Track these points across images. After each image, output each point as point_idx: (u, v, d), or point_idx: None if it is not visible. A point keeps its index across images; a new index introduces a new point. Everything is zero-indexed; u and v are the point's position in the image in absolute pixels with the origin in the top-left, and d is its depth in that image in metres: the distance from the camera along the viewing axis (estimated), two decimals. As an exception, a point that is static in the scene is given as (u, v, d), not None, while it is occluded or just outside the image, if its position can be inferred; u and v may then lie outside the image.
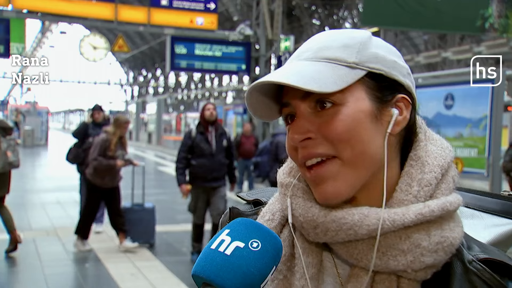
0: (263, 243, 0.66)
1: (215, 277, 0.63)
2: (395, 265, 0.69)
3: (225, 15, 31.76)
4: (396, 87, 0.75)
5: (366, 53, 0.73)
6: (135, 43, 47.43)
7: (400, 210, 0.70)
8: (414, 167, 0.74)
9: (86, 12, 13.95)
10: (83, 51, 15.71)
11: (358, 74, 0.72)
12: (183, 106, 57.40)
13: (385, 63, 0.74)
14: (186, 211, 6.55)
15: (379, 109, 0.73)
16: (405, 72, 0.76)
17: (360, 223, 0.70)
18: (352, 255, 0.71)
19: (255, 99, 0.75)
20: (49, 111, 35.86)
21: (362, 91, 0.72)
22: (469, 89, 8.36)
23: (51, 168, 17.98)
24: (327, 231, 0.72)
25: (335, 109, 0.71)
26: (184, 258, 6.45)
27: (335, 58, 0.72)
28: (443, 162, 0.75)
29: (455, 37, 24.17)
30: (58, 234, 7.49)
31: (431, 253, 0.69)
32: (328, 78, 0.69)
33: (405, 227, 0.70)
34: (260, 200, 0.88)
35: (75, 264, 6.27)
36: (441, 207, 0.70)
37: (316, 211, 0.73)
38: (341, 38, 0.75)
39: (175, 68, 14.84)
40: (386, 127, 0.73)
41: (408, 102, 0.75)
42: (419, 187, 0.72)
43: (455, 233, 0.71)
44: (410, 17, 11.80)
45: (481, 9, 12.00)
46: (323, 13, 31.78)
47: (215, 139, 6.07)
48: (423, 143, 0.76)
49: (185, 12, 14.26)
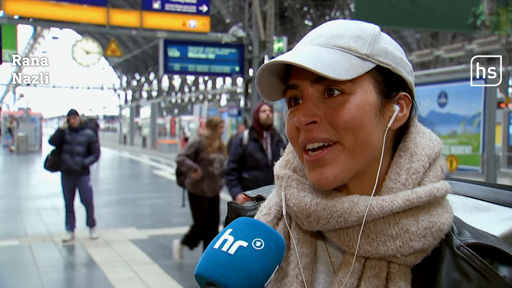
0: (266, 242, 0.66)
1: (219, 276, 0.63)
2: (384, 250, 0.71)
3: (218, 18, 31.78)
4: (401, 84, 0.77)
5: (377, 47, 0.75)
6: (128, 47, 47.35)
7: (388, 197, 0.72)
8: (403, 157, 0.76)
9: (78, 17, 13.90)
10: (75, 56, 15.65)
11: (368, 66, 0.74)
12: (177, 109, 57.33)
13: (393, 58, 0.76)
14: (181, 214, 6.50)
15: (383, 103, 0.75)
16: (409, 70, 0.79)
17: (350, 210, 0.72)
18: (344, 242, 0.74)
19: (264, 79, 0.77)
20: (42, 117, 35.74)
21: (370, 84, 0.74)
22: (462, 86, 8.40)
23: (45, 174, 17.87)
24: (319, 219, 0.74)
25: (344, 97, 0.73)
26: (182, 262, 6.43)
27: (348, 47, 0.74)
28: (430, 152, 0.77)
29: (447, 35, 24.29)
30: (54, 240, 7.45)
31: (420, 238, 0.71)
32: (341, 66, 0.71)
33: (393, 213, 0.72)
34: (262, 196, 0.90)
35: (72, 269, 6.25)
36: (429, 193, 0.72)
37: (308, 200, 0.75)
38: (353, 29, 0.77)
39: (169, 72, 14.81)
40: (387, 122, 0.75)
41: (409, 100, 0.78)
42: (407, 175, 0.74)
43: (444, 218, 0.73)
44: (402, 16, 11.85)
45: (473, 7, 12.06)
46: (315, 14, 31.87)
47: (270, 147, 5.16)
48: (412, 136, 0.78)
49: (177, 15, 14.24)
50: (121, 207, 10.57)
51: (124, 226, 8.55)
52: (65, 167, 7.20)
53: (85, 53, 15.61)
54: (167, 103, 57.08)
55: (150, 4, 13.95)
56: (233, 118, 15.11)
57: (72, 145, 7.20)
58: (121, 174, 17.51)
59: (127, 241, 7.44)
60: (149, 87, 58.74)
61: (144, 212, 10.30)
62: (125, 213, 9.92)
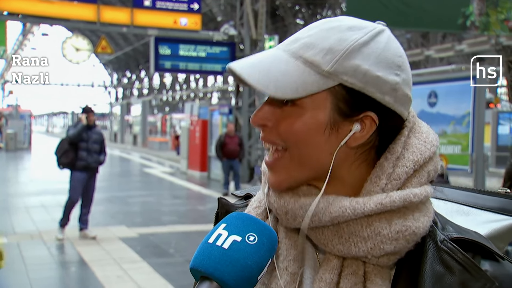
0: (259, 237, 0.68)
1: (214, 270, 0.64)
2: (356, 251, 0.72)
3: (209, 16, 31.72)
4: (371, 103, 0.73)
5: (346, 64, 0.71)
6: (118, 44, 47.09)
7: (362, 200, 0.73)
8: (388, 159, 0.75)
9: (68, 13, 13.81)
10: (65, 53, 15.54)
11: (327, 84, 0.71)
12: (168, 107, 57.15)
13: (364, 77, 0.72)
14: (172, 212, 6.51)
15: (336, 122, 0.73)
16: (388, 88, 0.73)
17: (324, 210, 0.73)
18: (320, 240, 0.75)
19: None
20: (32, 114, 35.44)
21: (326, 100, 0.72)
22: (452, 86, 8.45)
23: (34, 171, 17.77)
24: (295, 217, 0.75)
25: (294, 109, 0.73)
26: (171, 260, 6.42)
27: (311, 62, 0.71)
28: (419, 158, 0.75)
29: (437, 35, 24.44)
30: (42, 238, 7.40)
31: (391, 241, 0.71)
32: (292, 84, 0.70)
33: (366, 216, 0.72)
34: (251, 194, 0.91)
35: (61, 268, 6.21)
36: (403, 198, 0.72)
37: (287, 198, 0.76)
38: (334, 37, 0.73)
39: (160, 69, 14.76)
40: (342, 138, 0.73)
41: (374, 122, 0.73)
42: (387, 180, 0.74)
43: (419, 222, 0.73)
44: (393, 16, 11.89)
45: (462, 7, 12.14)
46: (306, 13, 31.91)
47: None
48: (403, 139, 0.76)
49: (168, 13, 14.19)
50: (111, 205, 10.52)
51: (114, 224, 8.52)
52: (84, 164, 7.17)
53: (75, 50, 15.50)
54: (158, 101, 56.88)
55: (141, 1, 13.89)
56: (224, 117, 15.08)
57: (89, 143, 7.19)
58: (111, 172, 17.39)
59: (117, 239, 7.41)
60: (140, 85, 58.49)
61: (134, 210, 10.26)
62: (115, 211, 9.88)
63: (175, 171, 18.09)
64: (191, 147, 16.62)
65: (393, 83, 0.73)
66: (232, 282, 0.64)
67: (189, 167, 16.76)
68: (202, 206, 10.99)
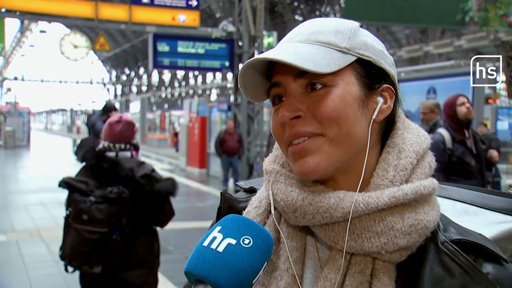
0: (254, 240, 0.67)
1: (208, 274, 0.64)
2: (369, 246, 0.71)
3: (208, 12, 31.67)
4: (383, 76, 0.78)
5: (357, 40, 0.76)
6: (117, 41, 47.03)
7: (374, 194, 0.72)
8: (391, 153, 0.76)
9: (66, 10, 13.76)
10: (63, 50, 15.52)
11: (349, 59, 0.74)
12: (167, 104, 57.11)
13: (374, 51, 0.77)
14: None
15: (366, 95, 0.75)
16: (390, 62, 0.80)
17: (336, 206, 0.72)
18: (330, 238, 0.74)
19: (248, 78, 0.77)
20: (30, 111, 35.40)
21: (352, 76, 0.75)
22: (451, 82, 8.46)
23: (33, 169, 17.75)
24: (305, 214, 0.74)
25: (326, 90, 0.73)
26: (171, 257, 6.41)
27: (328, 42, 0.75)
28: (418, 149, 0.77)
29: (436, 31, 24.42)
30: (41, 235, 7.39)
31: (405, 235, 0.71)
32: (322, 60, 0.72)
33: (379, 210, 0.72)
34: (255, 188, 0.90)
35: (60, 265, 6.20)
36: (415, 190, 0.72)
37: (295, 195, 0.75)
38: (332, 25, 0.77)
39: (158, 66, 14.73)
40: (372, 114, 0.75)
41: (392, 92, 0.78)
42: (395, 172, 0.74)
43: (430, 216, 0.73)
44: (392, 12, 11.87)
45: (461, 3, 12.12)
46: (305, 9, 31.87)
47: (475, 148, 4.15)
48: (400, 131, 0.78)
49: (166, 10, 14.15)
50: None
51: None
52: None
53: (73, 47, 15.48)
54: (157, 97, 56.84)
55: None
56: (223, 113, 15.06)
57: None
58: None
59: (116, 237, 7.40)
60: (139, 82, 58.43)
61: (133, 207, 10.22)
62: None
63: (174, 168, 18.08)
64: (190, 144, 16.61)
65: (391, 59, 0.80)
66: (227, 286, 0.64)
67: (188, 164, 16.76)
68: (201, 203, 10.98)
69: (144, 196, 3.06)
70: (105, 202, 2.90)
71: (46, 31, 35.51)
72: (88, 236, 2.87)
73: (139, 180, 3.06)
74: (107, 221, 2.88)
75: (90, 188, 2.96)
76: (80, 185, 2.96)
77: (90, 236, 2.87)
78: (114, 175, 3.01)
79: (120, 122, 3.19)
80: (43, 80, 54.05)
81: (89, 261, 2.97)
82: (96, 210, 2.88)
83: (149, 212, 3.17)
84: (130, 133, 3.23)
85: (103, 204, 2.89)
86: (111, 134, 3.18)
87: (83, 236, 2.87)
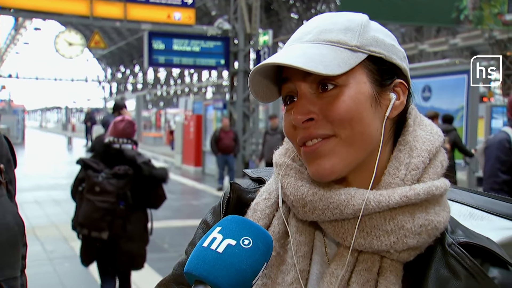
0: (254, 240, 0.67)
1: (208, 274, 0.64)
2: (378, 245, 0.71)
3: (203, 10, 31.61)
4: (395, 71, 0.76)
5: (367, 36, 0.75)
6: (112, 39, 46.87)
7: (386, 192, 0.72)
8: (402, 151, 0.75)
9: (61, 8, 13.70)
10: (58, 48, 15.45)
11: (360, 57, 0.73)
12: (163, 102, 57.02)
13: (385, 46, 0.75)
14: (166, 207, 6.50)
15: (378, 93, 0.74)
16: (402, 56, 0.78)
17: (346, 202, 0.72)
18: (338, 234, 0.73)
19: (257, 81, 0.77)
20: (25, 109, 35.27)
21: (363, 74, 0.74)
22: (446, 80, 8.48)
23: (28, 167, 17.67)
24: (314, 209, 0.74)
25: (337, 90, 0.72)
26: (166, 255, 6.41)
27: (338, 41, 0.73)
28: (431, 147, 0.76)
29: (431, 29, 24.47)
30: (36, 234, 7.36)
31: (414, 235, 0.70)
32: (332, 61, 0.71)
33: (390, 209, 0.71)
34: (263, 178, 0.90)
35: (54, 263, 6.18)
36: (427, 190, 0.71)
37: (305, 190, 0.75)
38: (341, 21, 0.76)
39: (154, 64, 14.69)
40: (385, 111, 0.74)
41: (405, 87, 0.77)
42: (406, 171, 0.74)
43: (440, 217, 0.72)
44: (387, 10, 11.89)
45: (456, 1, 12.15)
46: (301, 7, 31.86)
47: None
48: (411, 128, 0.77)
49: (162, 7, 14.12)
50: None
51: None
52: None
53: (68, 44, 15.42)
54: (152, 95, 56.73)
55: (134, -5, 13.81)
56: (218, 111, 15.04)
57: None
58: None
59: (111, 235, 7.39)
60: (134, 80, 58.28)
61: (128, 206, 10.20)
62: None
63: (169, 166, 18.05)
64: (185, 142, 16.59)
65: (403, 52, 0.79)
66: (226, 286, 0.64)
67: (184, 162, 16.74)
68: (197, 201, 10.97)
69: (142, 179, 3.71)
70: (114, 177, 3.62)
71: (40, 28, 35.39)
72: (99, 205, 3.56)
73: (140, 165, 3.70)
74: (115, 193, 3.59)
75: (101, 168, 3.67)
76: (93, 164, 3.68)
77: (101, 205, 3.57)
78: (119, 159, 3.70)
79: (123, 121, 3.83)
80: (38, 77, 53.84)
81: (99, 227, 3.59)
82: (107, 183, 3.59)
83: (146, 193, 3.79)
84: (131, 130, 3.86)
85: (112, 179, 3.61)
86: (115, 131, 3.82)
87: (95, 205, 3.56)
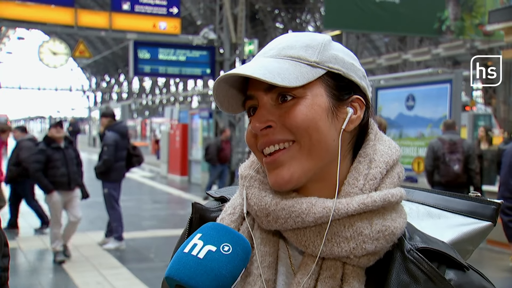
0: (234, 247, 0.70)
1: (189, 279, 0.66)
2: (338, 251, 0.74)
3: (189, 20, 31.62)
4: (353, 88, 0.81)
5: (327, 54, 0.79)
6: (97, 48, 46.62)
7: (344, 200, 0.75)
8: (362, 163, 0.79)
9: (45, 17, 13.61)
10: (42, 57, 15.32)
11: (318, 73, 0.77)
12: (148, 111, 56.70)
13: (344, 64, 0.80)
14: (152, 217, 6.47)
15: (335, 106, 0.78)
16: (361, 75, 0.82)
17: (308, 211, 0.74)
18: (301, 242, 0.76)
19: (222, 92, 0.80)
20: (8, 119, 34.83)
21: (321, 88, 0.78)
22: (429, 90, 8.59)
23: (11, 177, 17.42)
24: (277, 218, 0.76)
25: (295, 101, 0.76)
26: (151, 265, 6.37)
27: (298, 57, 0.78)
28: (388, 159, 0.80)
29: (414, 39, 24.78)
30: (19, 245, 7.27)
31: (373, 241, 0.74)
32: (291, 74, 0.74)
33: (348, 216, 0.75)
34: (226, 197, 0.92)
35: (39, 275, 6.11)
36: (383, 198, 0.75)
37: (268, 200, 0.78)
38: (303, 39, 0.80)
39: (139, 73, 14.64)
40: (342, 124, 0.78)
41: (362, 103, 0.81)
42: (365, 181, 0.77)
43: (397, 223, 0.76)
44: (371, 20, 12.04)
45: (438, 12, 12.36)
46: (286, 17, 32.06)
47: None
48: (372, 143, 0.82)
49: (147, 17, 14.10)
50: (90, 210, 10.37)
51: (93, 230, 8.42)
52: None
53: (52, 54, 15.30)
54: (137, 105, 56.41)
55: (119, 5, 13.78)
56: (204, 121, 15.03)
57: None
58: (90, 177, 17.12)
59: (96, 245, 7.33)
60: (119, 89, 57.92)
61: (113, 216, 10.11)
62: (94, 216, 9.75)
63: (155, 175, 17.95)
64: (171, 151, 16.52)
65: (362, 71, 0.83)
66: None
67: (170, 172, 16.66)
68: (183, 210, 10.93)
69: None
70: None
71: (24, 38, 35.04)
72: None
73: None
74: None
75: None
76: None
77: None
78: None
79: None
80: (21, 87, 53.23)
81: None
82: None
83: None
84: None
85: None
86: None
87: None
